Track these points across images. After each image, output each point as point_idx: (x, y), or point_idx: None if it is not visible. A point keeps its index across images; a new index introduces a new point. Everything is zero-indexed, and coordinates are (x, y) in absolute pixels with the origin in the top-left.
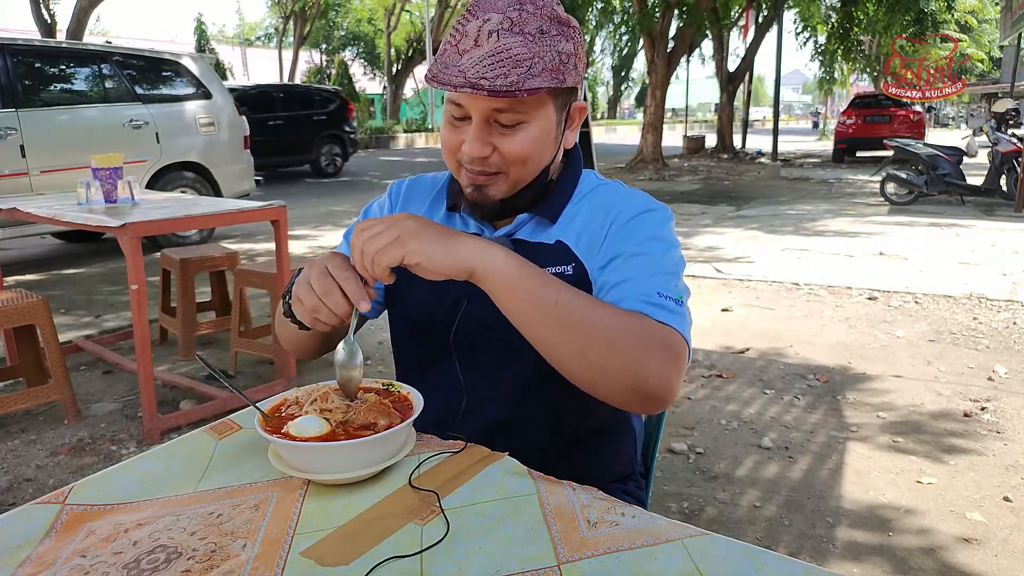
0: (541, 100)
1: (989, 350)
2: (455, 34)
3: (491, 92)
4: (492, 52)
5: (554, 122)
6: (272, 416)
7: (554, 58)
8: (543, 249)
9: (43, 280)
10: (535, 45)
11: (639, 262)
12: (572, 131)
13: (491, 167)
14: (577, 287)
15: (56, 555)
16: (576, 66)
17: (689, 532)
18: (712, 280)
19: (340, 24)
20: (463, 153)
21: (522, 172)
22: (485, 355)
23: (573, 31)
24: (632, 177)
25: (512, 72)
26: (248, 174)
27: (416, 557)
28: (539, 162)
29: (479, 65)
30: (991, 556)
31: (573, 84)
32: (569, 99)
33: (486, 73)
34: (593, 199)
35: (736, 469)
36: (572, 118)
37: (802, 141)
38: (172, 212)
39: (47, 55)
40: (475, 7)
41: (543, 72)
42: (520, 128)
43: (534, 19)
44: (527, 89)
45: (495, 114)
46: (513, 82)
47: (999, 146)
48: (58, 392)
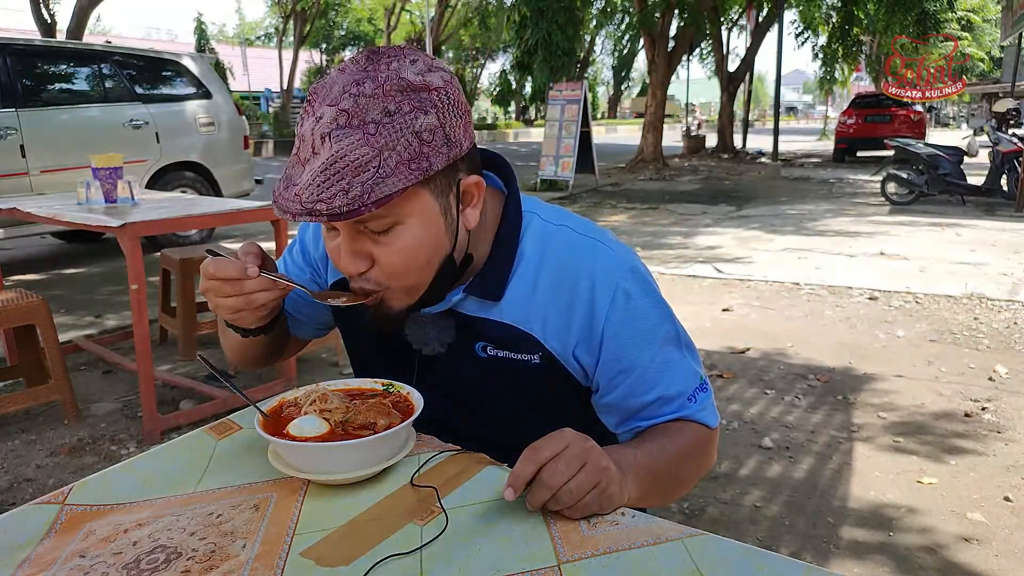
0: (410, 195)
1: (990, 350)
2: (296, 138)
3: (331, 217)
4: (326, 164)
5: (438, 212)
6: (272, 416)
7: (411, 143)
8: (495, 328)
9: (43, 280)
10: (380, 137)
11: (656, 370)
12: (474, 208)
13: (373, 283)
14: (544, 374)
15: (56, 555)
16: (448, 138)
17: (689, 532)
18: (712, 280)
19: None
20: (340, 268)
21: (411, 281)
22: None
23: (435, 95)
24: (632, 177)
25: (353, 184)
26: (248, 174)
27: (416, 557)
28: (430, 264)
29: (312, 185)
30: (992, 556)
31: (448, 162)
32: (452, 178)
33: (321, 194)
34: (547, 271)
35: (737, 469)
36: (468, 195)
37: (803, 141)
38: (172, 212)
39: (47, 55)
40: (312, 98)
41: (397, 168)
42: (394, 233)
43: (375, 102)
44: (374, 201)
45: (360, 224)
46: (356, 197)
47: (1000, 146)
48: (58, 392)
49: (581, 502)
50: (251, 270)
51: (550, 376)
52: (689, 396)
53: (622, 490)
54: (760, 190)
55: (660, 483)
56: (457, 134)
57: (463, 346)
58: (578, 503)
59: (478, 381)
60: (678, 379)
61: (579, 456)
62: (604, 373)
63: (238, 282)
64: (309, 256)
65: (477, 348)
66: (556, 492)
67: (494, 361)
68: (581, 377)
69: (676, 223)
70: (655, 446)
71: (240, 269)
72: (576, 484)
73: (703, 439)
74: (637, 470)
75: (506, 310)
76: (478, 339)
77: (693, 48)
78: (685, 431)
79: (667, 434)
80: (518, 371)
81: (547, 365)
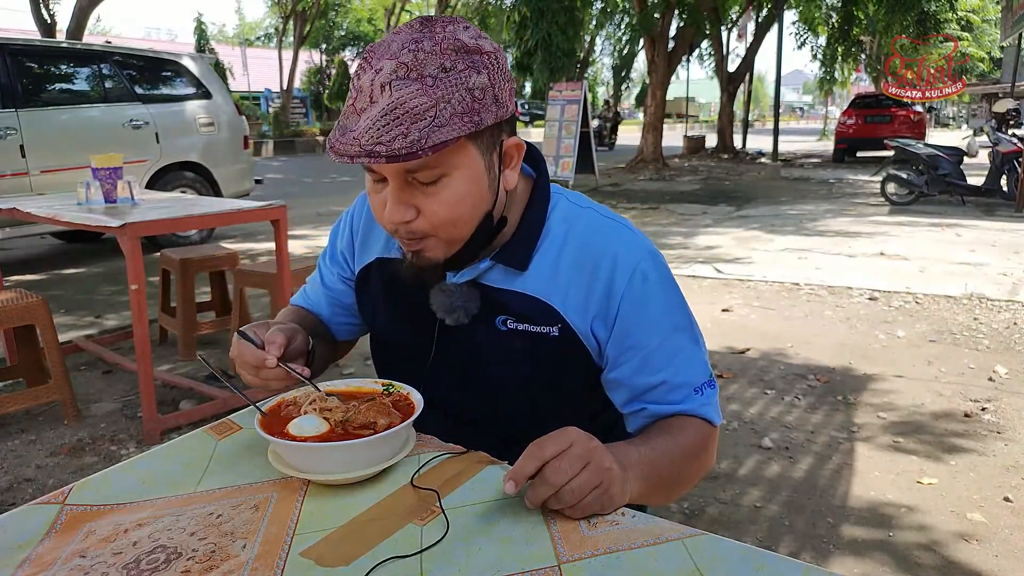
0: (459, 148)
1: (989, 350)
2: (352, 90)
3: (389, 158)
4: (386, 109)
5: (483, 168)
6: (272, 416)
7: (464, 98)
8: (518, 300)
9: (43, 280)
10: (437, 89)
11: (664, 354)
12: (512, 170)
13: (418, 232)
14: (560, 347)
15: (56, 555)
16: (497, 98)
17: (689, 532)
18: (712, 280)
19: (340, 24)
20: (385, 219)
21: (454, 232)
22: (455, 409)
23: (486, 58)
24: (632, 177)
25: (412, 129)
26: (248, 174)
27: (416, 557)
28: (472, 218)
29: (373, 128)
30: (991, 556)
31: (496, 120)
32: (497, 137)
33: (381, 137)
34: (570, 249)
35: (737, 469)
36: (509, 156)
37: (803, 141)
38: (172, 212)
39: (47, 55)
40: (369, 55)
41: (451, 119)
42: (442, 184)
43: (433, 58)
44: (432, 146)
45: (409, 174)
46: (414, 141)
47: (1000, 146)
48: (58, 392)
49: (582, 502)
50: (269, 360)
51: (566, 351)
52: (696, 388)
53: (624, 490)
54: (760, 190)
55: (663, 481)
56: (504, 97)
57: (485, 318)
58: (579, 503)
59: (495, 354)
60: (686, 368)
61: (582, 456)
62: (614, 346)
63: (257, 369)
64: (337, 254)
65: (498, 322)
66: (558, 491)
67: (513, 334)
68: (596, 354)
69: (676, 223)
70: (659, 443)
71: (260, 359)
72: (578, 483)
73: (705, 437)
74: (640, 467)
75: (529, 282)
76: (500, 312)
77: (693, 48)
78: (688, 429)
79: (671, 432)
80: (536, 344)
81: (565, 338)
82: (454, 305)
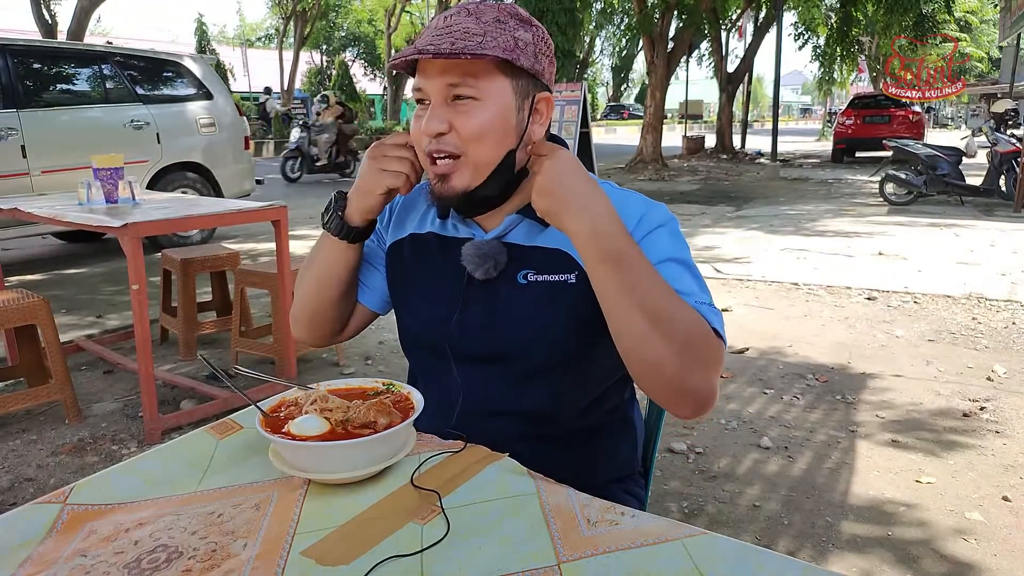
0: (495, 80)
1: (988, 350)
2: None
3: (436, 54)
4: (445, 29)
5: (512, 104)
6: (272, 416)
7: (508, 40)
8: (539, 254)
9: (44, 280)
10: (489, 27)
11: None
12: (540, 125)
13: (448, 146)
14: (578, 294)
15: (57, 555)
16: (536, 56)
17: (688, 532)
18: (712, 280)
19: (340, 25)
20: (421, 133)
21: (480, 152)
22: (481, 355)
23: (536, 28)
24: (632, 177)
25: (460, 41)
26: (249, 174)
27: (416, 557)
28: (497, 144)
29: (431, 37)
30: (990, 555)
31: (531, 70)
32: (530, 87)
33: (435, 42)
34: None
35: (736, 468)
36: (539, 111)
37: (802, 141)
38: (173, 212)
39: (48, 55)
40: (438, 14)
41: (494, 47)
42: (475, 105)
43: (490, 11)
44: (474, 53)
45: (450, 90)
46: (460, 48)
47: (998, 146)
48: (59, 392)
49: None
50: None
51: (584, 296)
52: (699, 301)
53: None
54: (759, 190)
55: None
56: (543, 61)
57: (508, 274)
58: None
59: (517, 307)
60: (690, 285)
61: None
62: None
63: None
64: (378, 231)
65: (519, 277)
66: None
67: (533, 286)
68: None
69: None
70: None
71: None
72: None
73: (708, 332)
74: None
75: (551, 237)
76: (521, 267)
77: (692, 49)
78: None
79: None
80: (555, 293)
81: (582, 284)
82: (485, 256)
